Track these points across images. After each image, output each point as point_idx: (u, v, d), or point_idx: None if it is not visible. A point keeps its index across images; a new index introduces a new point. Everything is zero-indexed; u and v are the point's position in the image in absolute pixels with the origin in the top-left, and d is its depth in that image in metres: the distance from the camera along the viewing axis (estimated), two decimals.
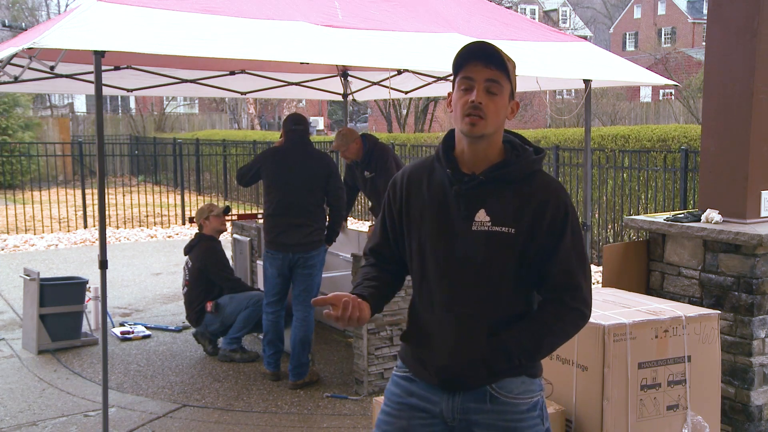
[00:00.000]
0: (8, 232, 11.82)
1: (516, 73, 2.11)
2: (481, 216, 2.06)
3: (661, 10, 53.54)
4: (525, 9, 44.20)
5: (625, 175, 9.30)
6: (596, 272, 7.94)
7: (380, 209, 2.32)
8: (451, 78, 2.11)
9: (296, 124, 5.18)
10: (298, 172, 5.00)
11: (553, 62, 4.85)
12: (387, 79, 6.71)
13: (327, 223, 5.20)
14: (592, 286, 2.19)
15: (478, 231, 2.06)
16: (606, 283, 4.18)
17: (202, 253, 5.74)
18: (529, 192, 2.07)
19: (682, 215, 4.31)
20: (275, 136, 17.27)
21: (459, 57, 2.06)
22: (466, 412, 2.12)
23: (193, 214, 6.06)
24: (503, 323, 2.08)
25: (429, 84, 6.85)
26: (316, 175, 5.04)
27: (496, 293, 2.08)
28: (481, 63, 2.03)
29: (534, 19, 23.79)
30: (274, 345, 5.15)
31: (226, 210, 6.06)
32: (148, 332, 6.34)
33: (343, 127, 6.76)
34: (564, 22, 49.39)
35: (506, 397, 2.11)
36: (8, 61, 3.99)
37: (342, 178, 5.77)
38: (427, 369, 2.15)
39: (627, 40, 54.79)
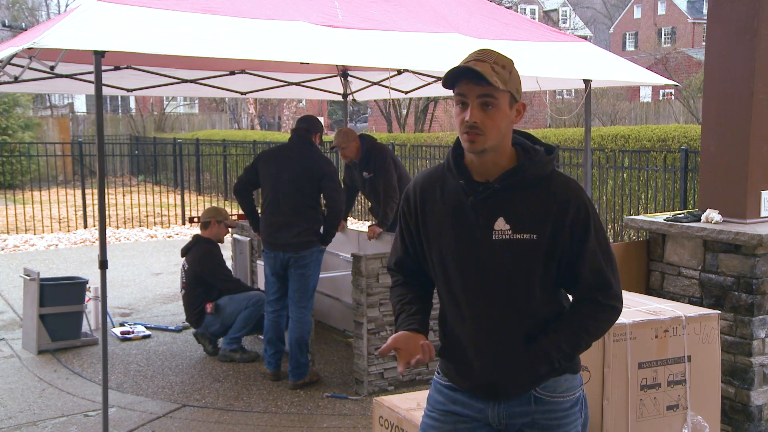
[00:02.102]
0: (8, 232, 11.81)
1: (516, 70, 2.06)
2: (501, 224, 2.02)
3: (661, 10, 53.53)
4: (525, 9, 44.20)
5: (625, 175, 9.30)
6: None
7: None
8: None
9: (299, 123, 5.22)
10: (287, 171, 4.97)
11: (553, 62, 4.85)
12: (387, 79, 6.71)
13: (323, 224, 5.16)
14: None
15: (499, 240, 2.02)
16: None
17: (200, 256, 5.73)
18: (548, 195, 2.03)
19: (682, 215, 4.31)
20: (275, 136, 17.29)
21: (448, 77, 2.00)
22: (511, 417, 2.12)
23: (194, 214, 6.06)
24: (538, 328, 2.07)
25: (429, 84, 6.85)
26: (306, 173, 4.96)
27: (526, 300, 2.06)
28: (472, 81, 1.98)
29: (534, 19, 23.78)
30: (275, 345, 5.14)
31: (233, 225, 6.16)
32: (148, 332, 6.34)
33: (343, 126, 6.76)
34: (564, 22, 49.39)
35: (550, 397, 2.11)
36: (8, 61, 3.99)
37: (341, 178, 5.76)
38: (468, 381, 2.14)
39: (627, 40, 54.79)
